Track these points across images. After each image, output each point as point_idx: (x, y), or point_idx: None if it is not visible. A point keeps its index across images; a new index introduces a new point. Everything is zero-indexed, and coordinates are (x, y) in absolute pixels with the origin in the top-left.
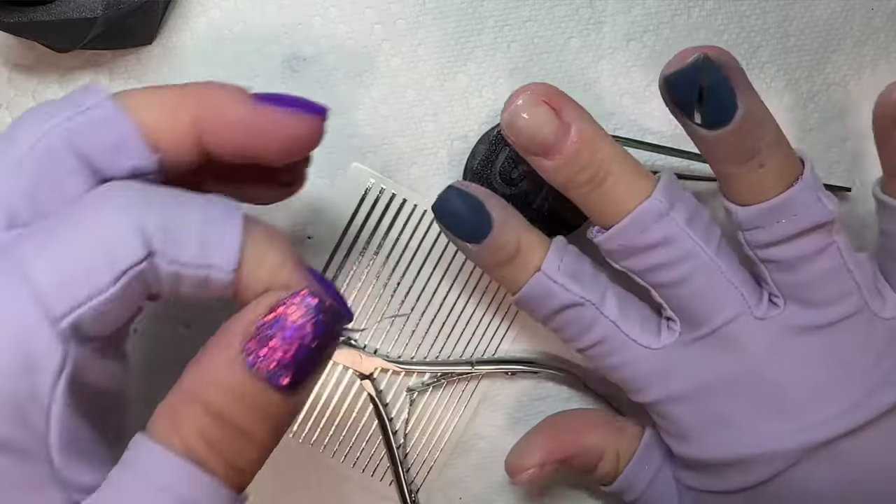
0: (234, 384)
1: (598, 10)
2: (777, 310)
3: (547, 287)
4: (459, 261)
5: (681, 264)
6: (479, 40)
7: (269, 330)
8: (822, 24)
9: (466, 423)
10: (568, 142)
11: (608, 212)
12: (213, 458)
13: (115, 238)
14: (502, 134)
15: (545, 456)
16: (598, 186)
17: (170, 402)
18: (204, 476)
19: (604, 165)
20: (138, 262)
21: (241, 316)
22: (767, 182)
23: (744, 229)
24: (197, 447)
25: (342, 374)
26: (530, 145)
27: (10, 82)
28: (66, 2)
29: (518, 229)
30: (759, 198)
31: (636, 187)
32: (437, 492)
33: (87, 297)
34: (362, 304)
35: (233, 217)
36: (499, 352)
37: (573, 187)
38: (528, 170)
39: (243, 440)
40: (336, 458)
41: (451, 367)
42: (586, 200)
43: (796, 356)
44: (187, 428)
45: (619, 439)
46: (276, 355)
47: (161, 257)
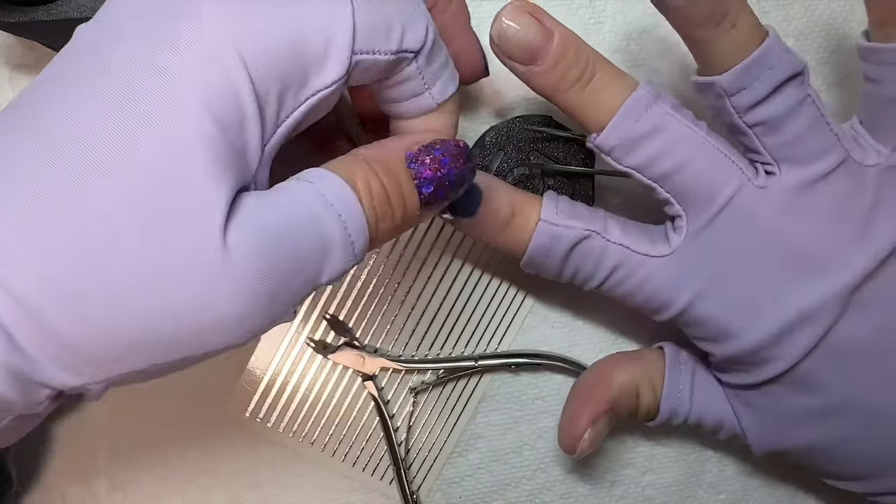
0: (397, 171)
1: (598, 10)
2: (774, 177)
3: (551, 232)
4: (460, 260)
5: (678, 148)
6: (480, 40)
7: (430, 150)
8: (822, 25)
9: (467, 423)
10: (553, 44)
11: (601, 109)
12: (366, 199)
13: (412, 17)
14: (494, 52)
15: (590, 415)
16: (587, 84)
17: (344, 159)
18: (356, 204)
19: (590, 63)
20: (412, 52)
21: (416, 135)
22: (741, 41)
23: (729, 95)
24: (359, 185)
25: (343, 374)
26: (520, 52)
27: (10, 82)
28: (67, 2)
29: (508, 192)
30: (735, 59)
31: (622, 83)
32: (438, 491)
33: (373, 50)
34: (362, 304)
35: None
36: (500, 349)
37: (565, 88)
38: (522, 175)
39: (386, 207)
40: (337, 458)
41: (454, 363)
42: (578, 101)
43: (802, 213)
44: (357, 172)
45: (645, 366)
46: (428, 168)
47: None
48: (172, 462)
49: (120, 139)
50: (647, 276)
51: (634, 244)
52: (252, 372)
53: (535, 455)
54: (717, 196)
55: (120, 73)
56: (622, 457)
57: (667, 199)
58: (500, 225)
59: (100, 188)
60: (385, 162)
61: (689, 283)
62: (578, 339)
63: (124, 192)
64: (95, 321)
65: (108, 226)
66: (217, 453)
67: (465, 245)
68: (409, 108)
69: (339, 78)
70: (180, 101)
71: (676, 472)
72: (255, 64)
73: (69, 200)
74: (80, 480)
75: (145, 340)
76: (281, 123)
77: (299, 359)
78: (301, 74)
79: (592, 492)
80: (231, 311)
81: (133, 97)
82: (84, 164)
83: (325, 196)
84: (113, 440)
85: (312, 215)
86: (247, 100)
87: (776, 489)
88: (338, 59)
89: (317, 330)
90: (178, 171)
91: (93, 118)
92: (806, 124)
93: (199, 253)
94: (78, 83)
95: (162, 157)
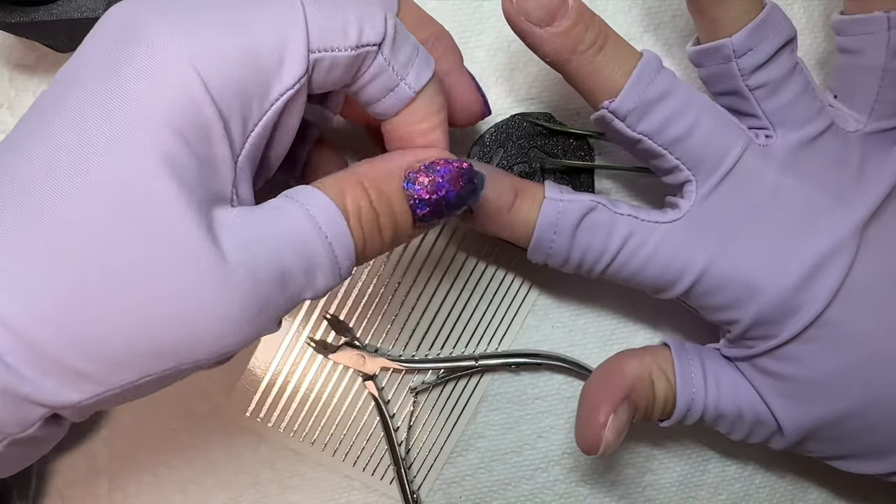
0: (390, 192)
1: (598, 10)
2: (772, 139)
3: (558, 207)
4: (460, 260)
5: (688, 110)
6: (479, 40)
7: (430, 171)
8: (821, 25)
9: (467, 423)
10: (570, 4)
11: (615, 73)
12: (354, 220)
13: (368, 19)
14: (509, 21)
15: (609, 403)
16: (601, 48)
17: (338, 177)
18: (344, 226)
19: (603, 28)
20: (373, 45)
21: (414, 151)
22: (747, 5)
23: (738, 56)
24: (348, 206)
25: (343, 374)
26: (538, 11)
27: (11, 82)
28: (67, 2)
29: (509, 178)
30: (742, 22)
31: (630, 50)
32: (438, 490)
33: (331, 48)
34: (363, 304)
35: None
36: (501, 349)
37: (581, 51)
38: (522, 172)
39: (375, 228)
40: (337, 457)
41: (454, 363)
42: (592, 66)
43: (804, 167)
44: (347, 191)
45: (654, 357)
46: (425, 190)
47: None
48: (172, 462)
49: (84, 164)
50: (660, 242)
51: (642, 213)
52: (252, 372)
53: (536, 455)
54: (726, 157)
55: (77, 102)
56: (622, 457)
57: (676, 165)
58: (506, 206)
59: (69, 216)
60: (379, 182)
61: (704, 245)
62: (578, 339)
63: (95, 214)
64: (86, 341)
65: (85, 250)
66: (217, 453)
67: (466, 245)
68: (390, 104)
69: (300, 77)
70: (140, 121)
71: (677, 473)
72: (212, 76)
73: (42, 229)
74: (80, 480)
75: (137, 354)
76: (250, 133)
77: (299, 359)
78: (261, 81)
79: (592, 492)
80: (213, 323)
81: (95, 120)
82: (51, 192)
83: (313, 216)
84: (113, 440)
85: (299, 234)
86: (208, 112)
87: (776, 490)
88: (295, 58)
89: (317, 330)
90: (146, 188)
91: (55, 149)
92: (799, 89)
93: (183, 266)
94: (42, 117)
95: (128, 177)
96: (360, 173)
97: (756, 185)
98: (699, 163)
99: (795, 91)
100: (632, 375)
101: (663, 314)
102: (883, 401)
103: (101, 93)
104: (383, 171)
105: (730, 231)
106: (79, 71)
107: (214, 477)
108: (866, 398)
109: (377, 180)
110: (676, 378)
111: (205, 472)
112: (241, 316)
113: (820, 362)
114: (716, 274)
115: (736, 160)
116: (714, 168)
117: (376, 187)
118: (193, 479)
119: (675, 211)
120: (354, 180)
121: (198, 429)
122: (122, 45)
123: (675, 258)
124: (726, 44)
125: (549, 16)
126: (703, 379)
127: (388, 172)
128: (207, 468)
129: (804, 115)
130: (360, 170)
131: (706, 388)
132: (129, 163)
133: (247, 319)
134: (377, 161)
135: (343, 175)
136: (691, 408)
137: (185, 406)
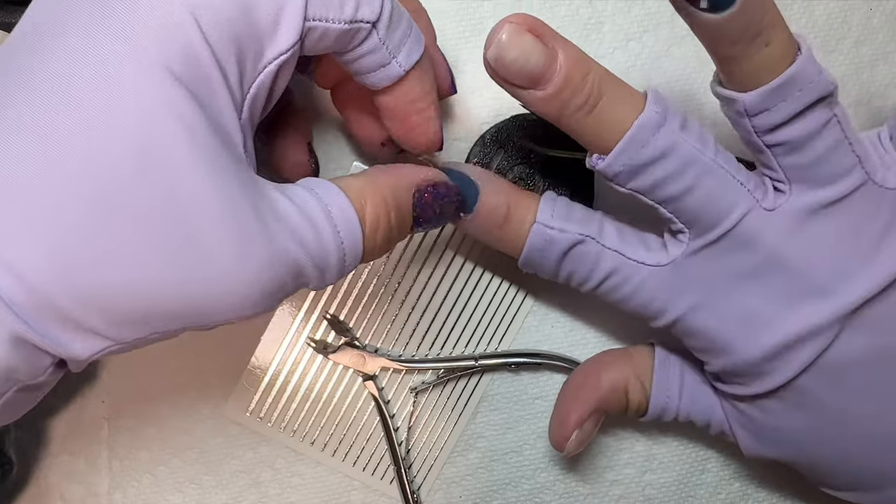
0: (406, 208)
1: (598, 10)
2: (783, 196)
3: (546, 235)
4: (460, 260)
5: (686, 172)
6: (479, 40)
7: (435, 193)
8: (821, 25)
9: (467, 423)
10: (557, 67)
11: (606, 134)
12: (370, 230)
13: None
14: (489, 74)
15: (578, 415)
16: (592, 109)
17: (360, 179)
18: (359, 230)
19: (595, 87)
20: (367, 22)
21: (426, 171)
22: (773, 59)
23: (751, 115)
24: (367, 215)
25: (343, 374)
26: (520, 78)
27: None
28: None
29: (505, 191)
30: (765, 78)
31: (629, 104)
32: (438, 490)
33: (326, 18)
34: (363, 304)
35: None
36: (500, 349)
37: (568, 114)
38: (523, 172)
39: (385, 239)
40: (337, 457)
41: (454, 362)
42: (582, 127)
43: (810, 237)
44: (369, 199)
45: (633, 364)
46: (430, 209)
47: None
48: (172, 462)
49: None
50: (642, 283)
51: (630, 251)
52: (252, 372)
53: (536, 455)
54: (723, 220)
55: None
56: (622, 456)
57: (669, 218)
58: (497, 223)
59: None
60: (399, 198)
61: (685, 295)
62: (578, 338)
63: (118, 163)
64: (104, 297)
65: (101, 197)
66: (217, 453)
67: (466, 245)
68: (379, 79)
69: (294, 43)
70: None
71: (676, 472)
72: (209, 26)
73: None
74: (80, 480)
75: (150, 315)
76: (246, 94)
77: (300, 359)
78: (256, 41)
79: (592, 491)
80: (234, 287)
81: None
82: (60, 142)
83: (332, 218)
84: (113, 440)
85: (318, 232)
86: (208, 61)
87: (776, 490)
88: (290, 24)
89: (317, 330)
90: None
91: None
92: (827, 147)
93: (221, 227)
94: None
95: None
96: (382, 185)
97: (749, 252)
98: (694, 221)
99: (822, 149)
100: (607, 386)
101: None
102: (850, 457)
103: (96, 26)
104: (402, 187)
105: (712, 289)
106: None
107: (214, 477)
108: (823, 455)
109: (398, 197)
110: (652, 389)
111: (205, 472)
112: (259, 292)
113: (782, 417)
114: (691, 324)
115: (733, 225)
116: (709, 228)
117: (396, 203)
118: (193, 479)
119: (661, 253)
120: (378, 192)
121: (198, 429)
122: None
123: (654, 301)
124: (738, 101)
125: (533, 80)
126: (678, 391)
127: (405, 189)
128: (207, 468)
129: (829, 175)
130: (381, 181)
131: (680, 400)
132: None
133: (265, 293)
134: (392, 173)
135: (366, 182)
136: (661, 416)
137: (185, 406)
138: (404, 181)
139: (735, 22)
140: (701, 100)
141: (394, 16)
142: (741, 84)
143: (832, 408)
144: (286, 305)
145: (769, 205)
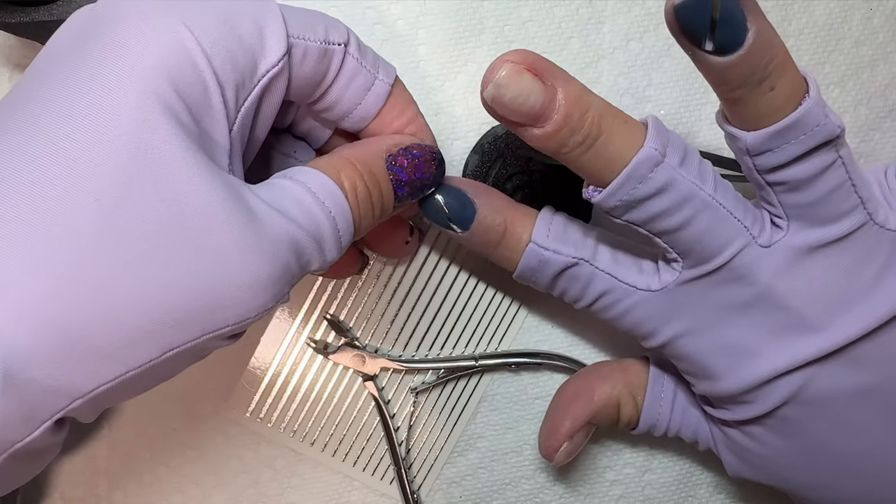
0: (378, 172)
1: (598, 10)
2: (781, 233)
3: (540, 256)
4: (460, 261)
5: (682, 208)
6: (479, 40)
7: (407, 154)
8: (821, 25)
9: (467, 423)
10: (556, 107)
11: (603, 169)
12: (351, 196)
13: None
14: (486, 110)
15: (569, 428)
16: (590, 147)
17: (329, 159)
18: (344, 202)
19: (594, 124)
20: (339, 44)
21: (391, 136)
22: (777, 104)
23: (752, 154)
24: (344, 184)
25: (343, 374)
26: (518, 117)
27: (11, 82)
28: (67, 2)
29: (502, 210)
30: (769, 120)
31: (628, 140)
32: (438, 490)
33: (304, 37)
34: (363, 304)
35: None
36: (500, 349)
37: (566, 152)
38: (521, 181)
39: (368, 205)
40: (337, 458)
41: (454, 362)
42: (580, 162)
43: (804, 275)
44: (341, 170)
45: (627, 379)
46: (405, 171)
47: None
48: (172, 462)
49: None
50: (633, 307)
51: (623, 274)
52: (252, 372)
53: (536, 455)
54: (718, 255)
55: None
56: (622, 457)
57: (664, 248)
58: (493, 241)
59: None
60: (368, 163)
61: (674, 322)
62: (578, 338)
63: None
64: (106, 315)
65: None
66: (217, 453)
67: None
68: (371, 103)
69: (283, 55)
70: (139, 80)
71: (676, 472)
72: (205, 41)
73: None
74: (80, 480)
75: (158, 323)
76: (241, 106)
77: (300, 359)
78: (249, 56)
79: (592, 491)
80: (242, 279)
81: (94, 76)
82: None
83: (314, 192)
84: (113, 440)
85: (305, 208)
86: (206, 75)
87: (776, 490)
88: (276, 37)
89: (317, 330)
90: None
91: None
92: (829, 188)
93: (216, 224)
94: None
95: (139, 139)
96: (349, 155)
97: (742, 286)
98: (688, 253)
99: (825, 190)
100: (599, 401)
101: None
102: (830, 487)
103: (94, 58)
104: (369, 153)
105: (702, 318)
106: (64, 46)
107: (214, 477)
108: (804, 482)
109: (366, 162)
110: (644, 406)
111: (205, 472)
112: (266, 278)
113: (765, 443)
114: (679, 349)
115: (728, 259)
116: (703, 261)
117: (366, 168)
118: (193, 479)
119: (654, 278)
120: (346, 161)
121: (198, 429)
122: (106, 22)
123: (645, 323)
124: (740, 139)
125: (531, 119)
126: (669, 410)
127: (373, 154)
128: (207, 468)
129: (828, 216)
130: (347, 153)
131: (671, 417)
132: (136, 121)
133: (271, 282)
134: (359, 145)
135: (333, 157)
136: (650, 431)
137: (185, 406)
138: (373, 149)
139: (741, 66)
140: (701, 100)
141: (360, 42)
142: (745, 123)
143: (814, 438)
144: (286, 306)
145: (765, 241)
